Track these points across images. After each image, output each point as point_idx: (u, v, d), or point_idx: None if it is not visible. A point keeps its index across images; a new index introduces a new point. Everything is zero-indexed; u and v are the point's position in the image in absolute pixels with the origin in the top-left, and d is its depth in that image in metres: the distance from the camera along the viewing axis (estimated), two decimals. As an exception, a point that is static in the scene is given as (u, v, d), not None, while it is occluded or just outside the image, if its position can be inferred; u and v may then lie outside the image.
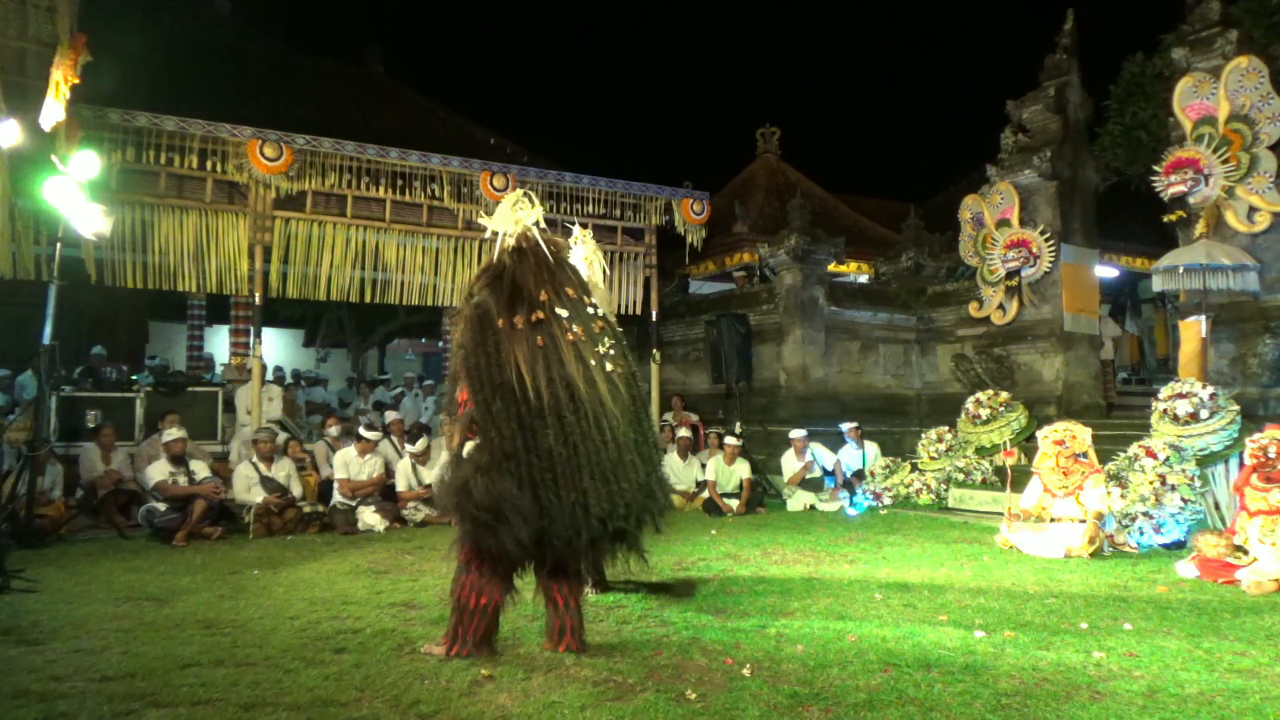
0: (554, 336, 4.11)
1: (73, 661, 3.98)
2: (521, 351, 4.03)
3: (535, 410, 3.96)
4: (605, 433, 4.06)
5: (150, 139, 9.27)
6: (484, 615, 4.08)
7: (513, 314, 4.12)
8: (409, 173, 10.61)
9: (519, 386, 3.97)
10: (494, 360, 4.05)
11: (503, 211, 4.45)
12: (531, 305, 4.16)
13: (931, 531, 8.27)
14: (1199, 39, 9.21)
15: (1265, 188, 8.51)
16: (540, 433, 3.94)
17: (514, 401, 3.97)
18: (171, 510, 7.78)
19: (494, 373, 4.03)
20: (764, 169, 18.46)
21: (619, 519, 4.05)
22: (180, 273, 9.61)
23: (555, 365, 4.05)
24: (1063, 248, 11.14)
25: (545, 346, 4.07)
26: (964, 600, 5.25)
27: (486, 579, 4.08)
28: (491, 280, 4.31)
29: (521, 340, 4.06)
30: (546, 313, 4.15)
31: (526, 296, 4.19)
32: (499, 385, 4.01)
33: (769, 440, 11.66)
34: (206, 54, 13.55)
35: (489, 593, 4.08)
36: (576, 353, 4.12)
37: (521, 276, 4.26)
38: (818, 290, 12.34)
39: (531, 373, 3.98)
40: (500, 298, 4.19)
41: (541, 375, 4.00)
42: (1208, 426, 7.81)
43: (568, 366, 4.06)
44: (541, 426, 3.95)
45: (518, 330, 4.08)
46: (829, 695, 3.51)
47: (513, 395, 3.97)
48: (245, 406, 10.00)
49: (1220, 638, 4.38)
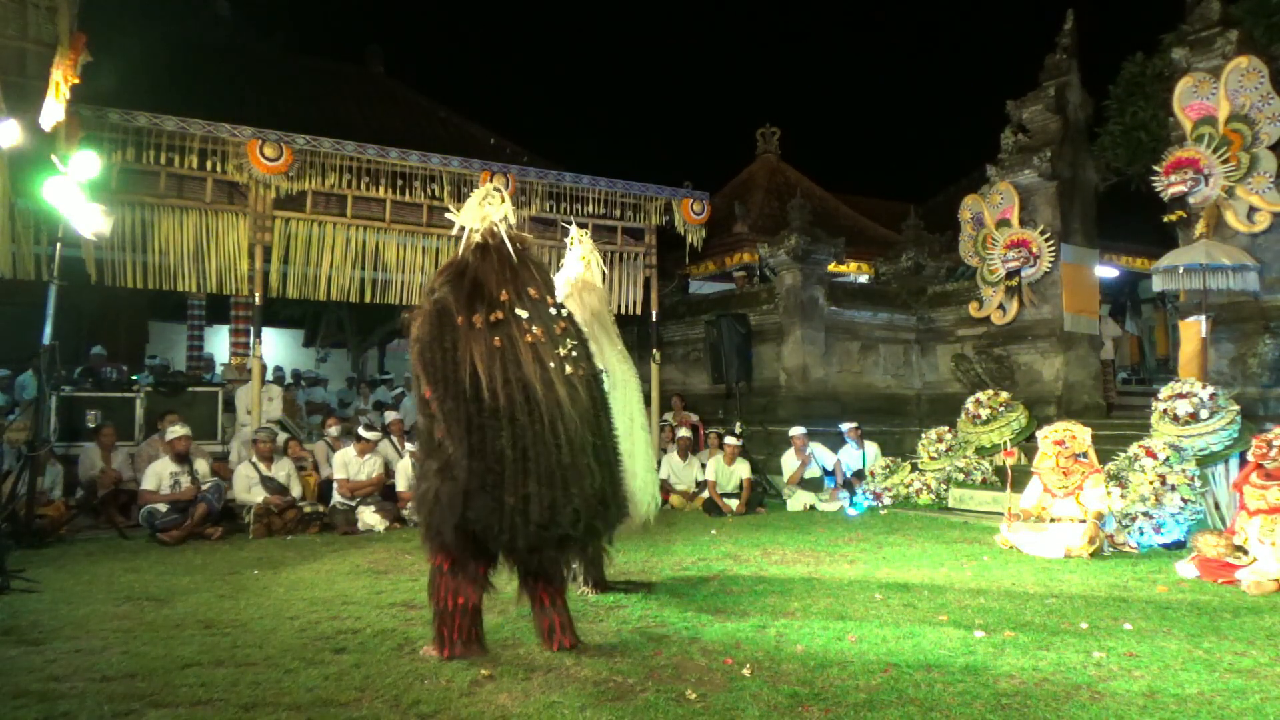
0: (512, 338, 4.04)
1: (73, 661, 3.99)
2: (479, 351, 3.97)
3: (489, 411, 3.90)
4: (559, 437, 3.97)
5: (150, 139, 9.27)
6: (464, 614, 4.07)
7: (472, 312, 4.06)
8: (409, 173, 10.60)
9: (473, 386, 3.92)
10: (450, 358, 4.00)
11: (470, 206, 4.38)
12: (491, 304, 4.10)
13: (931, 531, 8.27)
14: (1199, 39, 9.21)
15: (1265, 188, 8.51)
16: (491, 434, 3.89)
17: (464, 401, 3.92)
18: (173, 511, 7.78)
19: (448, 371, 3.98)
20: (764, 169, 18.46)
21: (562, 526, 3.94)
22: (180, 273, 9.60)
23: (512, 366, 3.98)
24: (1063, 248, 11.14)
25: (503, 347, 4.00)
26: (964, 600, 5.25)
27: (458, 580, 4.06)
28: (453, 277, 4.24)
29: (479, 339, 3.99)
30: (506, 313, 4.08)
31: (487, 295, 4.13)
32: (452, 384, 3.96)
33: (769, 440, 11.66)
34: (206, 54, 13.53)
35: (465, 593, 4.07)
36: (535, 354, 4.04)
37: (483, 274, 4.19)
38: (818, 290, 12.35)
39: (488, 373, 3.92)
40: (460, 295, 4.13)
41: (498, 376, 3.93)
42: (1208, 426, 7.81)
43: (524, 368, 3.98)
44: (494, 428, 3.89)
45: (476, 329, 4.02)
46: (829, 695, 3.51)
47: (463, 395, 3.92)
48: (245, 406, 10.00)
49: (1220, 638, 4.38)
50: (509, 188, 10.92)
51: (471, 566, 4.08)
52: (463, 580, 4.07)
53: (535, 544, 3.96)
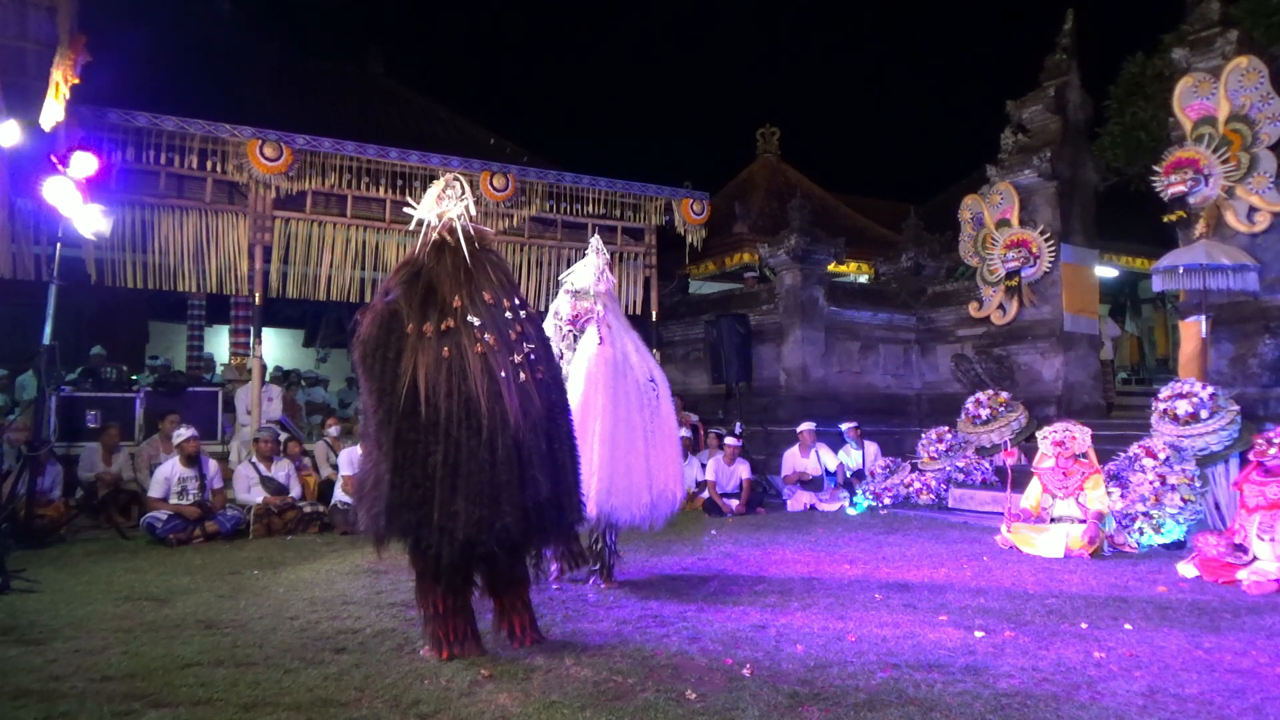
0: (461, 347, 3.94)
1: (73, 661, 3.98)
2: (424, 361, 3.89)
3: (426, 425, 3.84)
4: (497, 452, 3.87)
5: (150, 139, 9.28)
6: (453, 614, 4.07)
7: (423, 320, 3.98)
8: (409, 173, 10.61)
9: (410, 400, 3.85)
10: (390, 369, 3.93)
11: (428, 200, 4.28)
12: (444, 312, 4.01)
13: (931, 531, 8.27)
14: (1199, 39, 9.20)
15: (1265, 188, 8.51)
16: (419, 450, 3.84)
17: (396, 416, 3.87)
18: (174, 519, 7.76)
19: (385, 382, 3.92)
20: (764, 169, 18.48)
21: (487, 544, 3.86)
22: (180, 273, 9.61)
23: (457, 378, 3.89)
24: (1063, 248, 11.14)
25: (450, 357, 3.91)
26: (964, 600, 5.25)
27: (440, 584, 4.04)
28: (408, 278, 4.16)
29: (428, 349, 3.92)
30: (458, 320, 3.99)
31: (440, 301, 4.05)
32: (387, 395, 3.90)
33: (769, 440, 11.66)
34: (206, 54, 13.53)
35: (447, 594, 4.06)
36: (484, 364, 3.94)
37: (437, 278, 4.11)
38: (818, 290, 12.35)
39: (431, 385, 3.86)
40: (414, 300, 4.05)
41: (441, 388, 3.86)
42: (1208, 426, 7.80)
43: (469, 380, 3.89)
44: (424, 444, 3.84)
45: (425, 338, 3.94)
46: (829, 695, 3.51)
47: (395, 410, 3.87)
48: (245, 406, 10.00)
49: (1220, 638, 4.38)
50: (508, 188, 10.96)
51: (439, 572, 4.02)
52: (444, 584, 4.04)
53: (459, 560, 3.92)
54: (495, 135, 13.98)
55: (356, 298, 10.56)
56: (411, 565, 4.15)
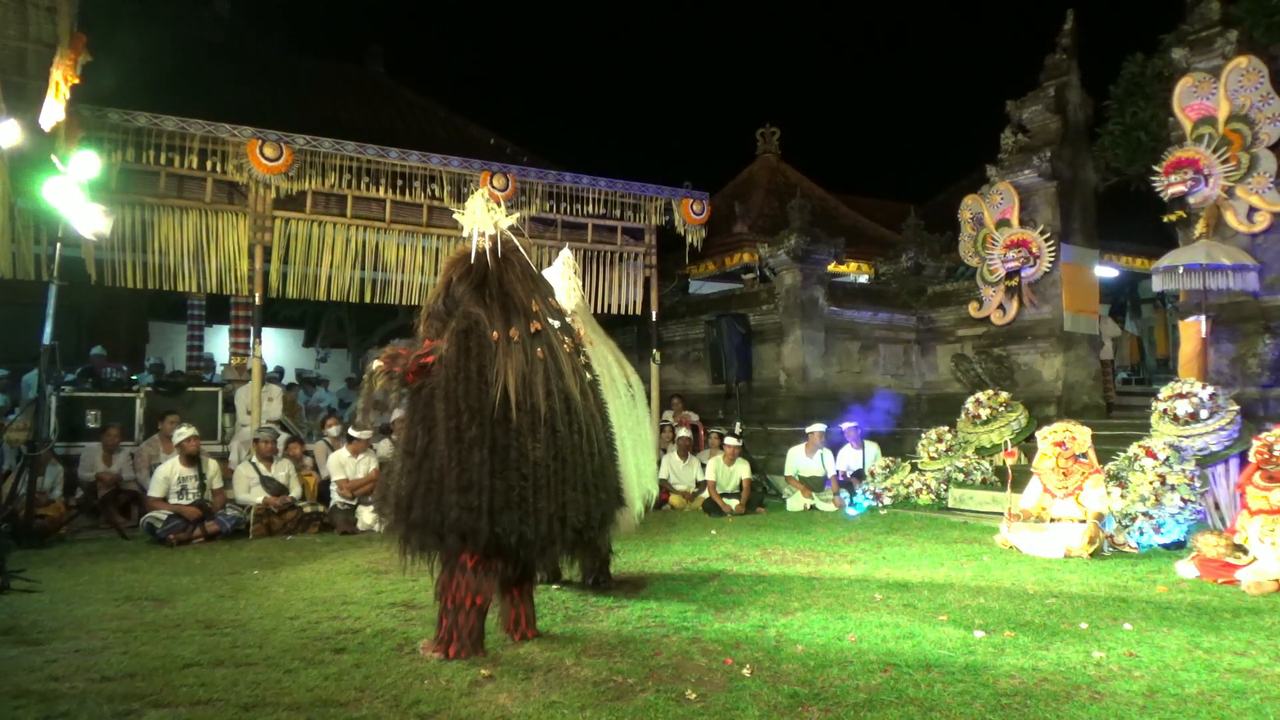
0: (553, 347, 4.11)
1: (73, 661, 3.99)
2: (515, 366, 3.96)
3: (520, 427, 3.93)
4: (594, 443, 4.15)
5: (150, 139, 9.27)
6: (480, 614, 4.09)
7: (508, 326, 4.05)
8: (409, 173, 10.60)
9: (501, 407, 3.91)
10: (474, 384, 3.96)
11: (478, 210, 4.35)
12: (528, 316, 4.13)
13: (931, 531, 8.27)
14: (1199, 39, 9.20)
15: (1265, 188, 8.51)
16: (517, 451, 3.93)
17: (489, 426, 3.91)
18: (174, 519, 7.76)
19: (472, 399, 3.94)
20: (764, 169, 18.45)
21: (594, 529, 4.18)
22: (180, 273, 9.60)
23: (555, 377, 4.05)
24: (1063, 248, 11.14)
25: (545, 358, 4.06)
26: (964, 600, 5.25)
27: (481, 578, 4.07)
28: (476, 286, 4.19)
29: (516, 354, 3.99)
30: (542, 323, 4.13)
31: (518, 307, 4.13)
32: (477, 411, 3.93)
33: (769, 440, 11.66)
34: (206, 54, 13.53)
35: (484, 592, 4.09)
36: (573, 364, 4.16)
37: (509, 285, 4.18)
38: (818, 290, 12.35)
39: (529, 386, 3.97)
40: (491, 309, 4.10)
41: (540, 388, 4.00)
42: (1208, 426, 7.81)
43: (566, 379, 4.07)
44: (523, 444, 3.94)
45: (513, 343, 4.02)
46: (829, 695, 3.51)
47: (489, 419, 3.91)
48: (245, 406, 10.00)
49: (1220, 638, 4.38)
50: (508, 188, 10.95)
51: (497, 566, 4.10)
52: (485, 580, 4.08)
53: (572, 546, 4.19)
54: (495, 135, 13.97)
55: (356, 298, 10.56)
56: (445, 562, 4.10)
